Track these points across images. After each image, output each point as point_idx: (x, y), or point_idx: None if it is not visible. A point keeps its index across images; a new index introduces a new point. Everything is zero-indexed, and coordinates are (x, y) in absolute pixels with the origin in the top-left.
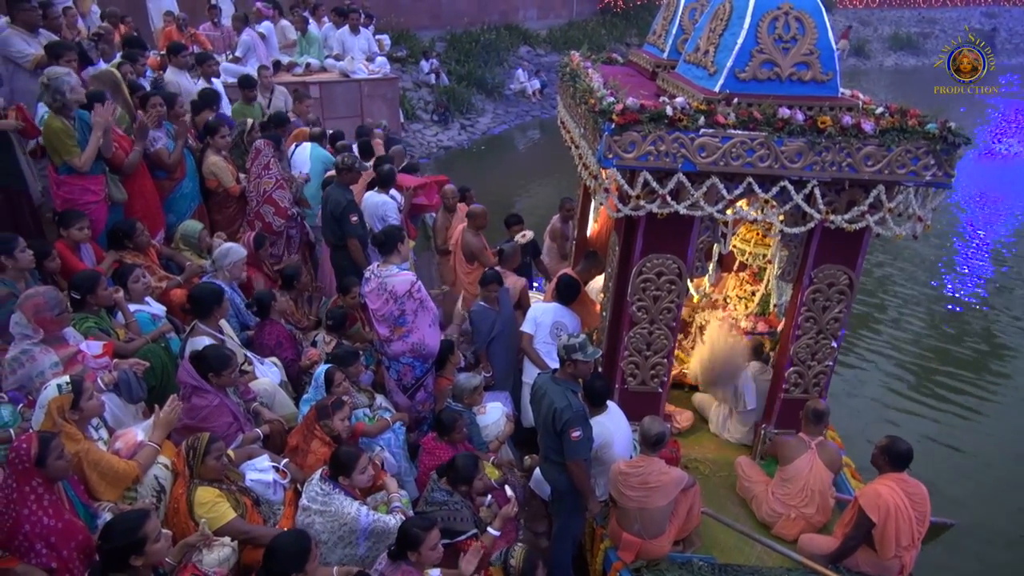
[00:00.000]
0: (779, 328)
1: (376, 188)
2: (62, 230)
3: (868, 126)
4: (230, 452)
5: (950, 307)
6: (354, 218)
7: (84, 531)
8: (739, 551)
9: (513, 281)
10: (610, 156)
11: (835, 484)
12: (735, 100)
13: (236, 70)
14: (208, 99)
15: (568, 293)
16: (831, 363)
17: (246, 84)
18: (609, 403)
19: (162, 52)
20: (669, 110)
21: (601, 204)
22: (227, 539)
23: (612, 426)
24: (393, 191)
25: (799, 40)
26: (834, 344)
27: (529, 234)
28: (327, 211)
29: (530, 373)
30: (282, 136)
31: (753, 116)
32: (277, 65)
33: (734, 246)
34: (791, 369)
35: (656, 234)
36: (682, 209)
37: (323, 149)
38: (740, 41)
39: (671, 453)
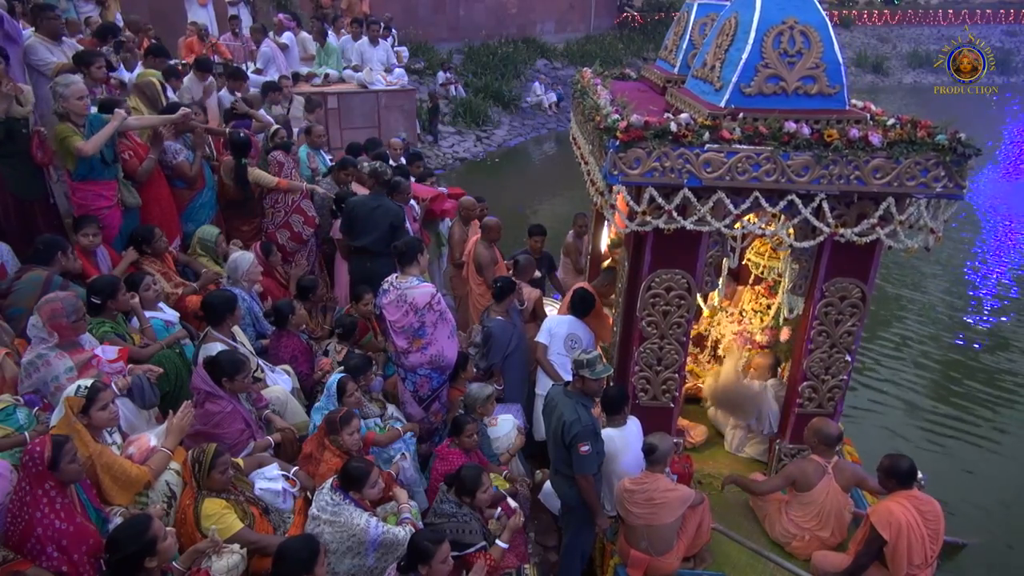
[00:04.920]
0: (782, 338)
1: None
2: (75, 235)
3: (875, 138)
4: (239, 460)
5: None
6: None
7: (95, 535)
8: (751, 568)
9: (528, 292)
10: (615, 173)
11: (852, 499)
12: (741, 115)
13: (257, 80)
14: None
15: (582, 306)
16: (845, 377)
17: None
18: (631, 418)
19: (184, 62)
20: (673, 126)
21: (609, 220)
22: (236, 546)
23: (621, 442)
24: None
25: (805, 54)
26: (848, 358)
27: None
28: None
29: (544, 385)
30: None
31: (759, 130)
32: (296, 77)
33: (748, 260)
34: (805, 384)
35: (664, 249)
36: (689, 224)
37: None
38: (745, 56)
39: (684, 468)
